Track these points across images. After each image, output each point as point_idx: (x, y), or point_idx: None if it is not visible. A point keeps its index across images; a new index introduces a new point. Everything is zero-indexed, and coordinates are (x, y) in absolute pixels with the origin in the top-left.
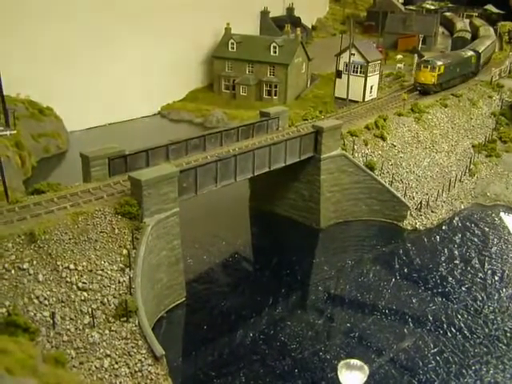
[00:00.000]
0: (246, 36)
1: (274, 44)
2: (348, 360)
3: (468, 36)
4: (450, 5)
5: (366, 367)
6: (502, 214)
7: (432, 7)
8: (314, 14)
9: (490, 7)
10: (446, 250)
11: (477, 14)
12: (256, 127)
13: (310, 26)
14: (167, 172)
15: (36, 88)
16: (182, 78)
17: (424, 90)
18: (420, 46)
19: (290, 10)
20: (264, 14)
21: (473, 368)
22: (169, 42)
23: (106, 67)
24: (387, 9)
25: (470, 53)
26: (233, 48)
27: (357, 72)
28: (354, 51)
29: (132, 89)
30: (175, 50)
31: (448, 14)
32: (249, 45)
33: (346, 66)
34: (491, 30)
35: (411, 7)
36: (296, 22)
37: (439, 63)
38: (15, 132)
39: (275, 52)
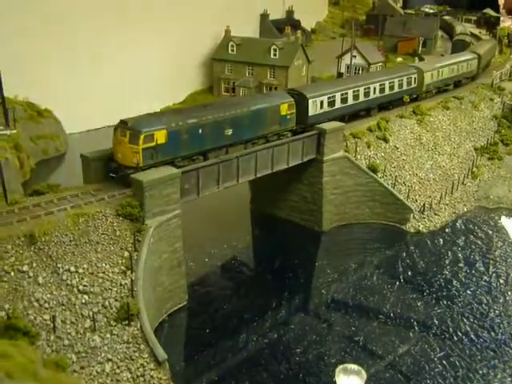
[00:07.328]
0: (245, 38)
1: (274, 46)
2: (346, 365)
3: (468, 39)
4: (448, 9)
5: (363, 372)
6: (504, 217)
7: (431, 11)
8: (314, 18)
9: (489, 11)
10: (449, 252)
11: (476, 18)
12: None
13: (310, 30)
14: (169, 173)
15: (34, 90)
16: (181, 81)
17: (122, 176)
18: (420, 48)
19: (290, 12)
20: (264, 16)
21: (480, 372)
22: (168, 45)
23: (105, 69)
24: (386, 12)
25: (277, 101)
26: (233, 50)
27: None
28: (355, 53)
29: (131, 91)
30: (175, 53)
31: (447, 17)
32: (249, 47)
33: (348, 67)
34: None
35: (410, 11)
36: (295, 25)
37: (148, 129)
38: (15, 131)
39: (275, 54)
